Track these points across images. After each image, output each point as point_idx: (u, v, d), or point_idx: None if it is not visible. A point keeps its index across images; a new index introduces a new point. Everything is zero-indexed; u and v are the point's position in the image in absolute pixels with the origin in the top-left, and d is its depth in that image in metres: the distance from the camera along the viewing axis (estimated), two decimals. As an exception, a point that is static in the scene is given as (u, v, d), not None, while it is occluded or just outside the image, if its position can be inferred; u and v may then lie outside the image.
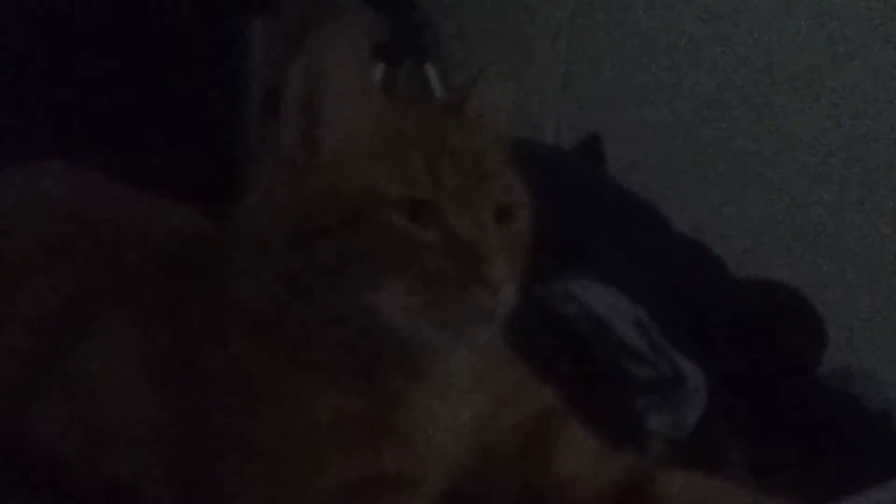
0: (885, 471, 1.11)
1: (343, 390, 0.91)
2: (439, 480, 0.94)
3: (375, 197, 0.87)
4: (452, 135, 0.94)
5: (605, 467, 0.97)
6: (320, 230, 0.89)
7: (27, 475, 1.02)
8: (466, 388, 0.96)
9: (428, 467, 0.93)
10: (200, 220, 1.17)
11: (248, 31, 2.20)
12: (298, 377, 0.91)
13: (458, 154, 0.91)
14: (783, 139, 1.94)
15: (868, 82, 1.84)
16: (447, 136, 0.93)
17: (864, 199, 1.86)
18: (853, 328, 1.72)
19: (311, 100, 0.92)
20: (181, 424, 0.96)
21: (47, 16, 1.95)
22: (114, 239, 1.10)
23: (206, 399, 0.94)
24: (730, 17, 2.00)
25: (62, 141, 1.79)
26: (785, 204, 1.94)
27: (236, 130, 2.11)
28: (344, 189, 0.89)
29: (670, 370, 1.41)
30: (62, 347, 1.04)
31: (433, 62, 2.38)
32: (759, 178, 1.97)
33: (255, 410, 0.91)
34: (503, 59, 1.01)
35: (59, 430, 1.02)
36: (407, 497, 0.89)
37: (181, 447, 0.96)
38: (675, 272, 1.61)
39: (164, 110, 1.99)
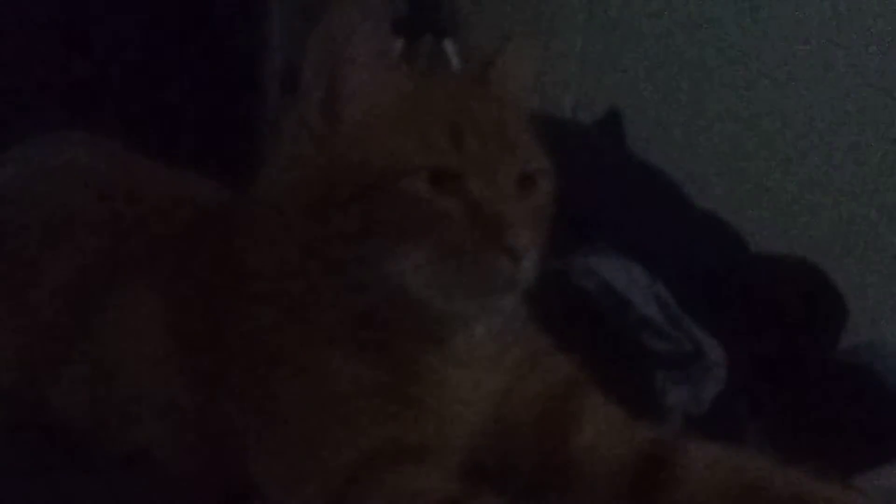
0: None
1: (364, 360, 0.91)
2: (460, 450, 0.94)
3: (397, 165, 0.87)
4: (474, 103, 0.94)
5: (626, 438, 0.97)
6: (342, 199, 0.89)
7: (51, 445, 1.02)
8: (487, 358, 0.96)
9: (448, 437, 0.93)
10: (220, 191, 1.17)
11: (267, 5, 2.19)
12: (320, 346, 0.91)
13: (480, 122, 0.91)
14: (805, 113, 1.93)
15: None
16: (469, 104, 0.93)
17: (886, 173, 1.84)
18: (873, 303, 1.71)
19: (331, 69, 0.92)
20: (204, 393, 0.96)
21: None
22: (136, 209, 1.11)
23: (229, 368, 0.95)
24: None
25: (79, 112, 1.80)
26: (805, 179, 1.93)
27: (255, 103, 2.11)
28: (365, 158, 0.89)
29: (689, 345, 1.40)
30: (86, 317, 1.04)
31: (452, 38, 2.37)
32: (780, 153, 1.96)
33: (276, 380, 0.92)
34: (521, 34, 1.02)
35: (83, 400, 1.04)
36: (427, 466, 0.89)
37: (204, 416, 0.96)
38: (695, 247, 1.61)
39: (183, 83, 1.99)
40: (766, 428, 1.39)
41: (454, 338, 0.93)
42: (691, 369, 1.39)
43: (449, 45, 2.37)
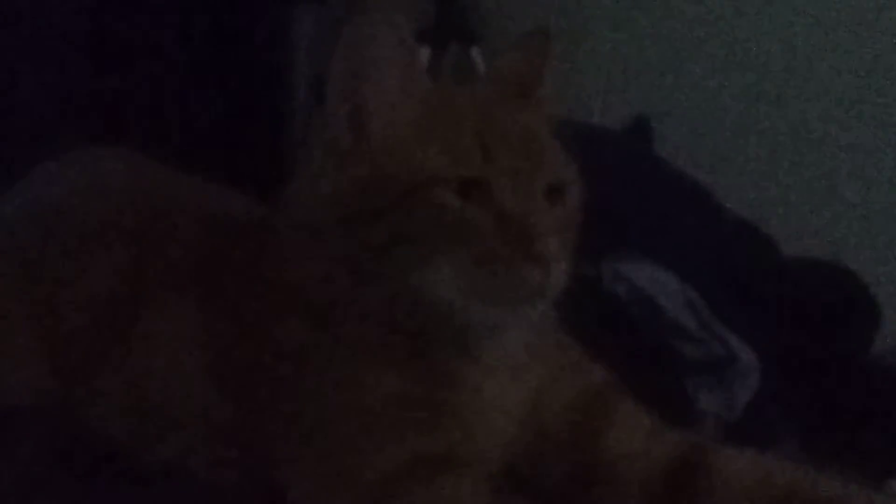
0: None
1: (396, 370, 0.91)
2: (492, 459, 0.94)
3: (426, 177, 0.88)
4: (502, 113, 0.94)
5: (659, 445, 0.97)
6: (371, 211, 0.89)
7: (86, 457, 1.03)
8: (519, 367, 0.96)
9: (481, 446, 0.93)
10: (251, 204, 1.18)
11: (295, 18, 2.21)
12: (352, 357, 0.92)
13: (507, 132, 0.92)
14: (837, 116, 1.91)
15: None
16: (497, 114, 0.94)
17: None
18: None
19: (356, 83, 0.92)
20: (238, 405, 0.97)
21: (94, 3, 1.97)
22: (169, 222, 1.11)
23: (261, 380, 0.95)
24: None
25: (110, 130, 1.82)
26: (837, 182, 1.92)
27: (283, 116, 2.12)
28: (393, 170, 0.89)
29: (721, 350, 1.40)
30: (120, 329, 1.05)
31: (479, 46, 2.38)
32: (811, 156, 1.95)
33: (309, 391, 0.92)
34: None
35: (118, 412, 1.04)
36: (460, 476, 0.89)
37: (236, 428, 0.97)
38: (726, 252, 1.60)
39: (212, 97, 2.00)
40: (800, 432, 1.38)
41: (485, 347, 0.93)
42: (724, 374, 1.38)
43: (476, 53, 2.38)
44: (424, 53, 2.28)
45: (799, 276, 1.61)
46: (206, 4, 2.05)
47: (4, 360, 1.11)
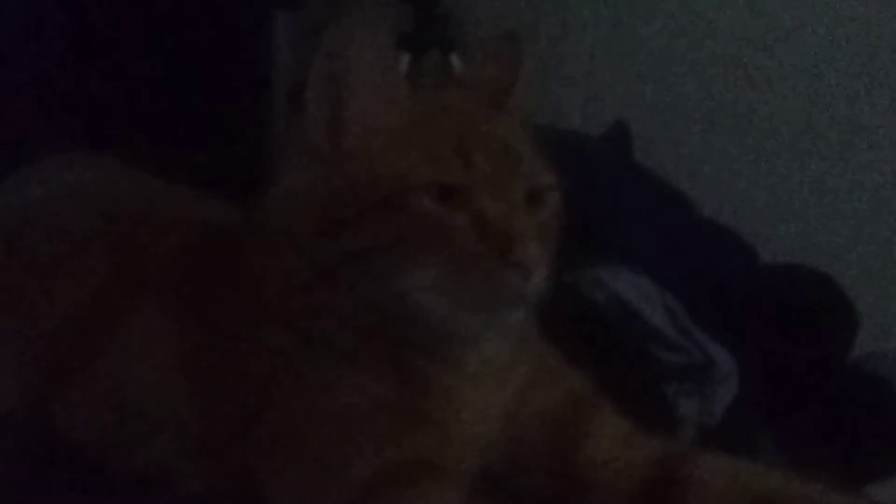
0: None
1: (375, 377, 0.91)
2: (472, 465, 0.94)
3: (405, 182, 0.87)
4: (481, 118, 0.94)
5: (637, 450, 0.97)
6: (350, 218, 0.89)
7: (61, 468, 1.03)
8: (498, 374, 0.96)
9: (460, 452, 0.93)
10: (228, 211, 1.18)
11: (273, 24, 2.20)
12: (330, 364, 0.91)
13: (487, 137, 0.92)
14: (817, 126, 1.92)
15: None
16: (476, 119, 0.94)
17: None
18: (884, 312, 1.70)
19: (334, 89, 0.92)
20: (213, 412, 0.96)
21: (74, 9, 1.96)
22: (144, 229, 1.11)
23: (238, 387, 0.95)
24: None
25: (88, 134, 1.81)
26: (816, 189, 1.92)
27: (261, 123, 2.11)
28: (372, 176, 0.89)
29: (700, 356, 1.40)
30: (93, 337, 1.05)
31: (458, 52, 2.37)
32: (790, 164, 1.95)
33: (287, 398, 0.92)
34: (528, 48, 1.03)
35: (89, 420, 1.04)
36: (440, 482, 0.89)
37: (214, 435, 0.97)
38: (705, 258, 1.60)
39: (190, 103, 1.99)
40: (779, 438, 1.39)
41: (464, 353, 0.93)
42: (702, 380, 1.38)
43: (455, 59, 2.37)
44: (404, 59, 2.28)
45: (777, 281, 1.62)
46: (185, 10, 2.05)
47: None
